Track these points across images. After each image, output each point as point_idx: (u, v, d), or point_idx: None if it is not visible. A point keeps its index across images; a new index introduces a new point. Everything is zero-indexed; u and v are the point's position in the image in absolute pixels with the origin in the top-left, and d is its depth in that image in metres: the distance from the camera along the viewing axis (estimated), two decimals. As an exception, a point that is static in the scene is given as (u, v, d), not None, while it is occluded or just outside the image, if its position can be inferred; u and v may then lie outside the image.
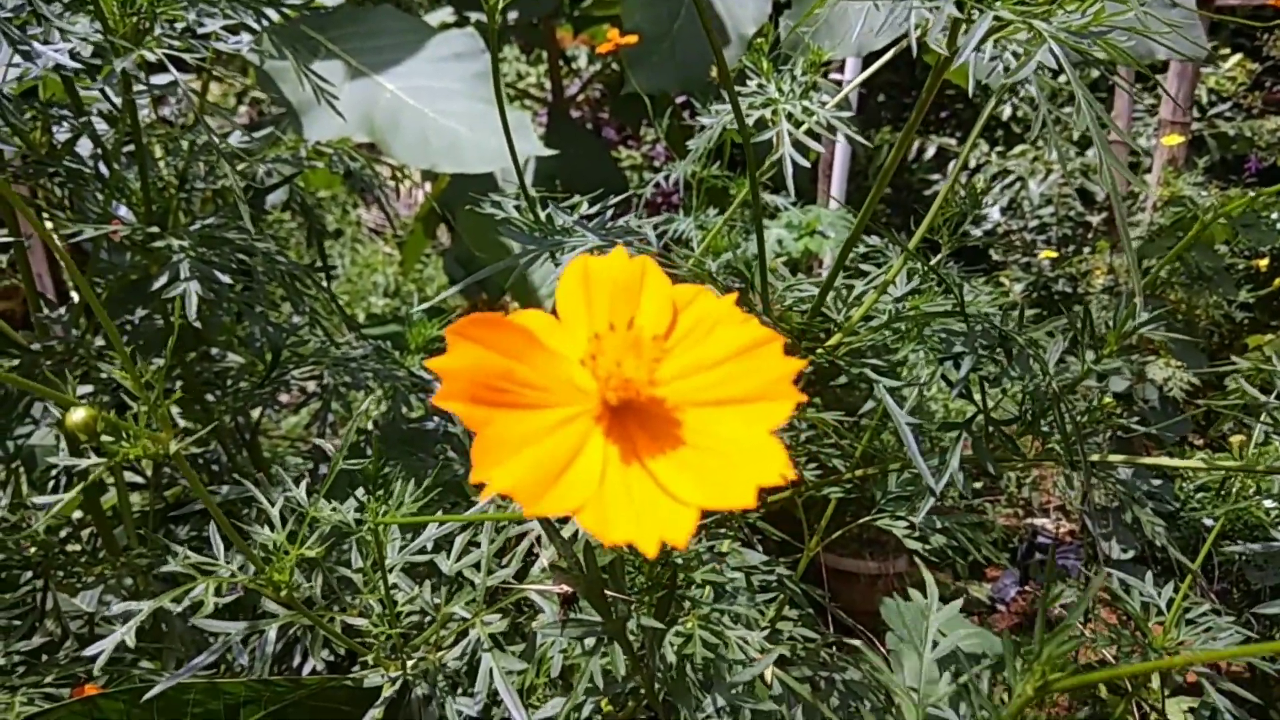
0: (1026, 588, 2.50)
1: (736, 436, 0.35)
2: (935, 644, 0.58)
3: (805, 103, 1.02)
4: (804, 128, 1.01)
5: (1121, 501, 0.74)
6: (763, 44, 1.16)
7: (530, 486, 0.32)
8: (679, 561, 0.69)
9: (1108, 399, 0.72)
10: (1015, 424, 0.72)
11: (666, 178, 2.11)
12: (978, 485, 2.63)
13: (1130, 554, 2.28)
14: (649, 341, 0.35)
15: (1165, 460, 0.73)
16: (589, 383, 0.36)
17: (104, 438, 0.51)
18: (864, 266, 0.78)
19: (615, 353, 0.35)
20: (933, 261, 1.20)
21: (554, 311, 0.39)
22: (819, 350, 0.75)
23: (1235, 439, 0.76)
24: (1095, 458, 0.71)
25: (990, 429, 0.71)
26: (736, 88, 1.08)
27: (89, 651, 0.57)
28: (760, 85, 1.08)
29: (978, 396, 0.72)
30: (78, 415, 0.50)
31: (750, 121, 1.04)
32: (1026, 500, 2.76)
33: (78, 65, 0.80)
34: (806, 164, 0.96)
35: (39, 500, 0.51)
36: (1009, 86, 0.66)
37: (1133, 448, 2.51)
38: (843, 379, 0.72)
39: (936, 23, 0.52)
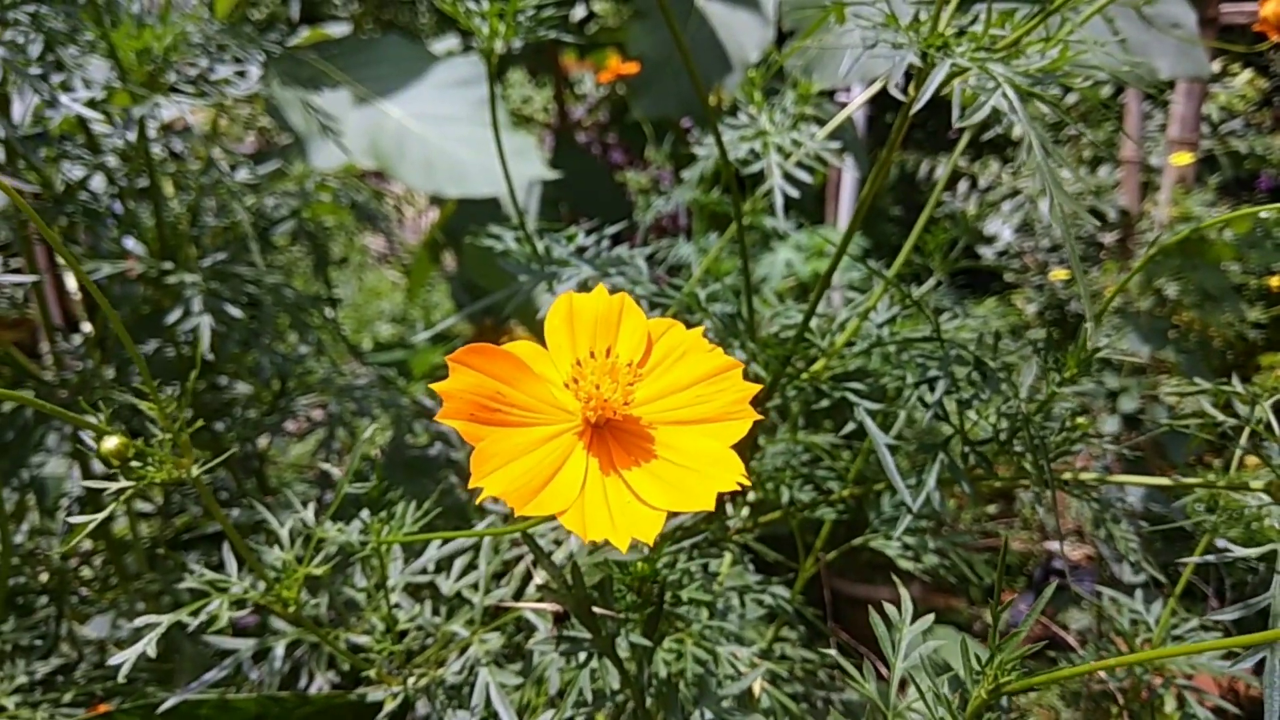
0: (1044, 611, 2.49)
1: (701, 450, 0.39)
2: (922, 655, 0.61)
3: (794, 135, 1.06)
4: (793, 159, 1.04)
5: (1097, 519, 0.77)
6: (755, 77, 1.19)
7: (519, 491, 0.37)
8: (670, 579, 0.72)
9: (1082, 420, 0.75)
10: (990, 444, 0.75)
11: (667, 202, 2.14)
12: (991, 509, 2.63)
13: (1142, 576, 2.27)
14: (624, 368, 0.40)
15: (1134, 478, 0.75)
16: (572, 403, 0.41)
17: (131, 464, 0.55)
18: (848, 294, 0.81)
19: (594, 377, 0.40)
20: (924, 286, 1.23)
21: (543, 340, 0.44)
22: (804, 375, 0.78)
23: (1250, 459, 0.77)
24: (1067, 476, 0.74)
25: (966, 450, 0.73)
26: (729, 119, 1.12)
27: (113, 661, 0.61)
28: (751, 117, 1.11)
29: (956, 419, 0.74)
30: (111, 443, 0.54)
31: (743, 152, 1.08)
32: (1042, 524, 2.75)
33: (96, 115, 0.84)
34: (795, 194, 0.99)
35: (71, 520, 0.55)
36: (986, 115, 0.68)
37: (1147, 468, 2.51)
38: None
39: (897, 69, 0.55)
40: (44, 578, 1.12)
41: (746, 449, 0.91)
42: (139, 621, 0.64)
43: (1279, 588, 0.54)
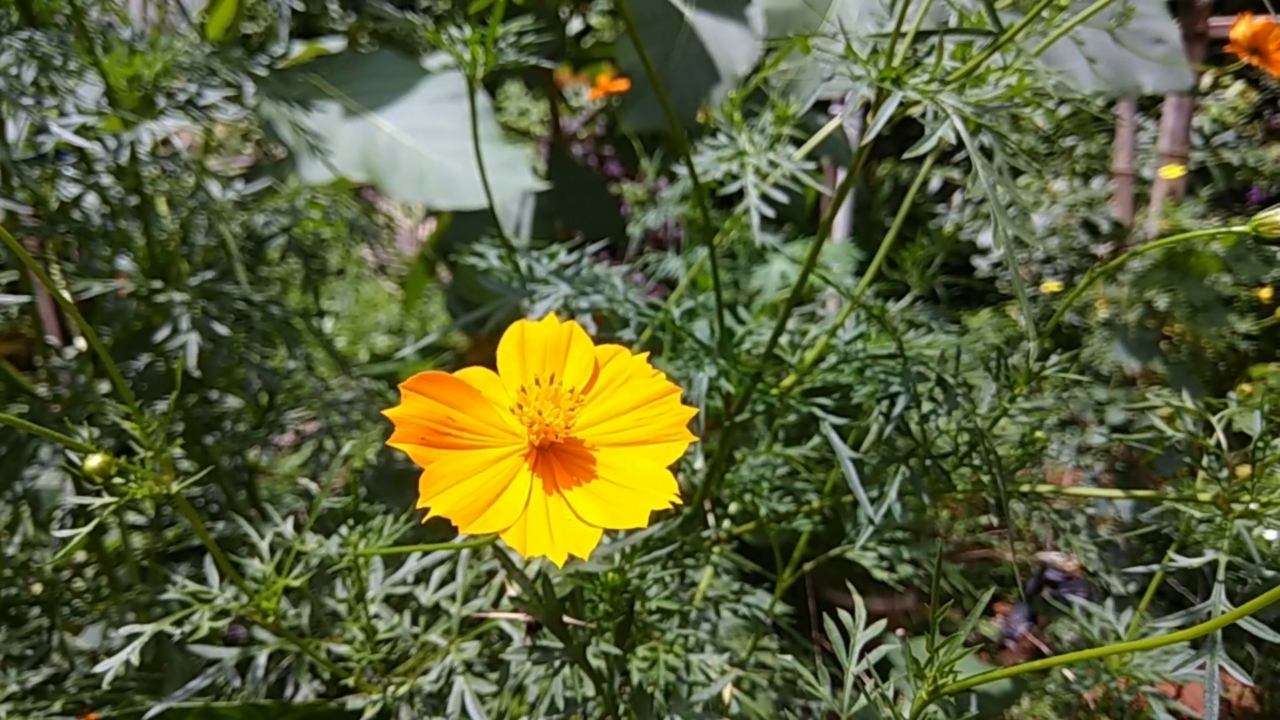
0: (1036, 624, 2.50)
1: (639, 470, 0.42)
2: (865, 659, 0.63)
3: (771, 155, 1.08)
4: (770, 179, 1.07)
5: (1055, 529, 0.79)
6: (734, 98, 1.22)
7: (465, 511, 0.40)
8: (643, 589, 0.74)
9: (1040, 434, 0.77)
10: (950, 458, 0.77)
11: (655, 218, 2.17)
12: (983, 520, 2.65)
13: (1132, 587, 2.28)
14: (567, 394, 0.43)
15: (1088, 490, 0.78)
16: (519, 427, 0.44)
17: (115, 480, 0.58)
18: (819, 309, 0.83)
19: (538, 403, 0.43)
20: (901, 302, 1.25)
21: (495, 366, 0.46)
22: (773, 391, 0.80)
23: (1241, 469, 0.78)
24: (1025, 488, 0.76)
25: (928, 463, 0.75)
26: (710, 140, 1.15)
27: (99, 668, 0.63)
28: (731, 138, 1.14)
29: (918, 432, 0.76)
30: (94, 461, 0.57)
31: (722, 172, 1.10)
32: (1035, 535, 2.76)
33: (86, 143, 0.86)
34: (771, 213, 1.02)
35: (59, 534, 0.57)
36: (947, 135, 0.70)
37: (1138, 479, 2.52)
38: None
39: (852, 102, 0.58)
40: (36, 589, 1.14)
41: (722, 462, 0.94)
42: (125, 631, 0.66)
43: (1218, 595, 0.56)
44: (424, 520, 0.38)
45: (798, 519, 1.03)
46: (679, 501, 0.39)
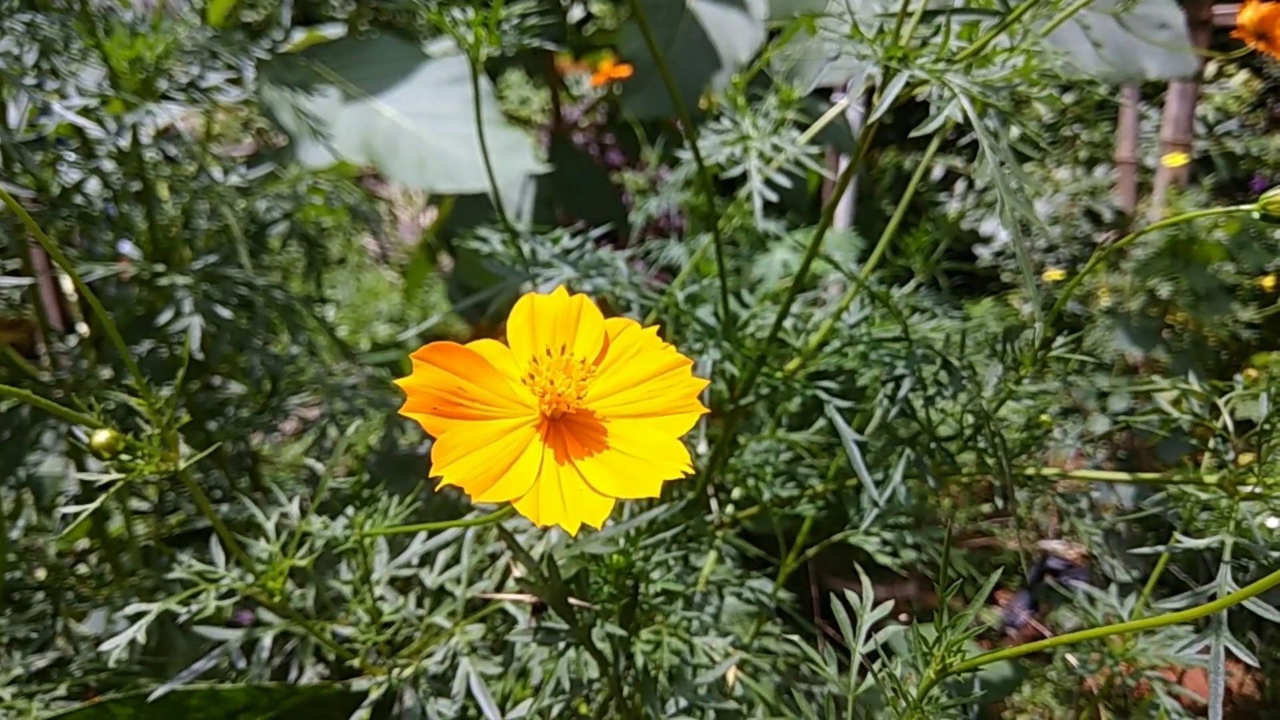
0: (1038, 611, 2.50)
1: (651, 441, 0.42)
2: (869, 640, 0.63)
3: (775, 139, 1.08)
4: (774, 164, 1.06)
5: (1061, 513, 0.79)
6: (738, 82, 1.21)
7: (478, 480, 0.40)
8: (647, 571, 0.74)
9: (1045, 417, 0.77)
10: (955, 441, 0.77)
11: (657, 205, 2.16)
12: (985, 508, 2.65)
13: (1135, 574, 2.27)
14: (578, 364, 0.43)
15: (1093, 474, 0.78)
16: (530, 398, 0.45)
17: (121, 457, 0.58)
18: (822, 295, 0.83)
19: (550, 373, 0.44)
20: (905, 287, 1.25)
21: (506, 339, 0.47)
22: (777, 374, 0.80)
23: (1244, 457, 0.78)
24: (1030, 471, 0.76)
25: (932, 445, 0.75)
26: (714, 124, 1.14)
27: (105, 647, 0.63)
28: (735, 122, 1.13)
29: (922, 415, 0.76)
30: (102, 436, 0.57)
31: (725, 156, 1.10)
32: (1037, 523, 2.76)
33: (89, 123, 0.86)
34: (774, 197, 1.01)
35: (68, 510, 0.57)
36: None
37: (1141, 467, 2.53)
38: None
39: (858, 81, 0.57)
40: (40, 574, 1.14)
41: (725, 447, 0.94)
42: (130, 610, 0.66)
43: (1224, 576, 0.56)
44: (436, 489, 0.38)
45: (801, 504, 1.03)
46: (691, 471, 0.40)
